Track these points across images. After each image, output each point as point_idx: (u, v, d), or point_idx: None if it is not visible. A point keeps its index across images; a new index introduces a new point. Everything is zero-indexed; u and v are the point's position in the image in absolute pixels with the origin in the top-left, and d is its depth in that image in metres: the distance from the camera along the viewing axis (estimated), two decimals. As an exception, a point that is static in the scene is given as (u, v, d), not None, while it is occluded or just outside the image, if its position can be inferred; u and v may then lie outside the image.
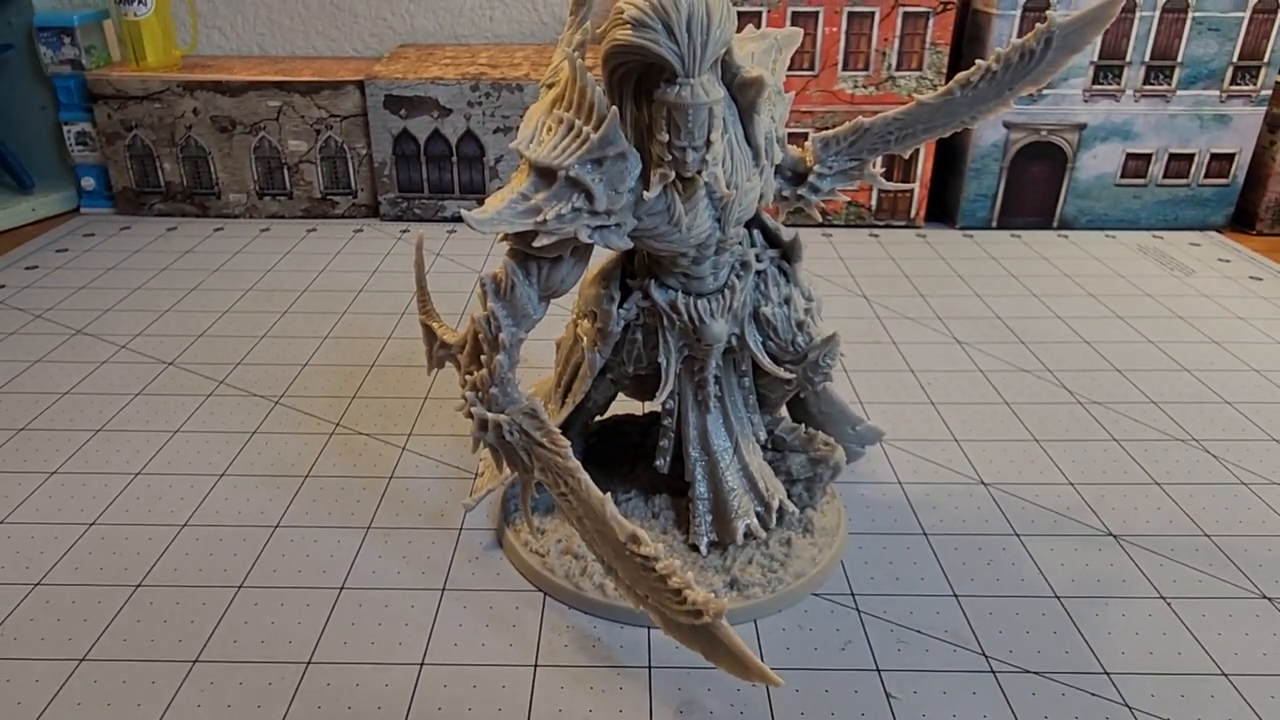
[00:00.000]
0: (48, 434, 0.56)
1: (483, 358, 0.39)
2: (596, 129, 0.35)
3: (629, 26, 0.34)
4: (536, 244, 0.36)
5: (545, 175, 0.36)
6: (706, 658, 0.36)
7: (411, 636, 0.42)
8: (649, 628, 0.42)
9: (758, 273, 0.43)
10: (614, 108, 0.35)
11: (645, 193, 0.37)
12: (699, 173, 0.36)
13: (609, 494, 0.37)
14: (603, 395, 0.48)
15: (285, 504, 0.50)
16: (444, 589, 0.44)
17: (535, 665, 0.40)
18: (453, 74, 0.91)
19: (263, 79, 0.92)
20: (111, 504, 0.50)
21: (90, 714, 0.37)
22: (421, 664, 0.40)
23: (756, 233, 0.44)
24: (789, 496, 0.47)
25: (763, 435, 0.46)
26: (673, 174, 0.36)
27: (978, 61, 0.41)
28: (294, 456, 0.54)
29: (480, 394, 0.39)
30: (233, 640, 0.41)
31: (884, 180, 0.45)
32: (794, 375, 0.44)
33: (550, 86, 0.39)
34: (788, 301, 0.44)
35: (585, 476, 0.38)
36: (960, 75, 0.41)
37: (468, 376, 0.40)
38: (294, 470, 0.53)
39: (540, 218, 0.36)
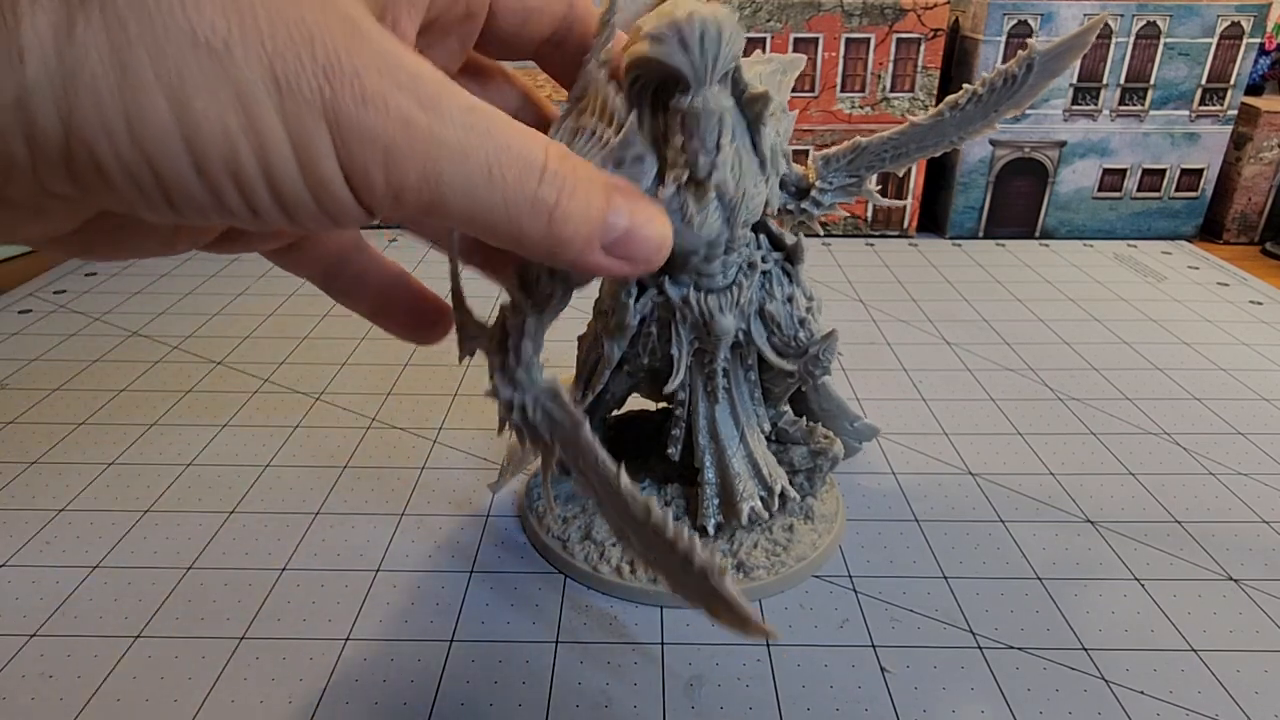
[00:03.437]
0: (105, 428, 0.56)
1: (509, 344, 0.39)
2: (617, 133, 0.35)
3: (647, 41, 0.34)
4: None
5: None
6: (711, 615, 0.36)
7: (441, 615, 0.42)
8: (662, 607, 0.42)
9: (763, 273, 0.43)
10: (633, 111, 0.35)
11: (661, 190, 0.37)
12: (709, 176, 0.36)
13: (622, 465, 0.37)
14: (620, 388, 0.48)
15: (325, 493, 0.50)
16: (472, 571, 0.44)
17: (556, 642, 0.40)
18: (479, 96, 0.91)
19: (304, 101, 0.92)
20: (164, 493, 0.50)
21: (145, 687, 0.37)
22: (451, 640, 0.40)
23: (762, 237, 0.44)
24: (791, 484, 0.47)
25: (767, 427, 0.46)
26: (686, 174, 0.36)
27: (965, 86, 0.41)
28: (333, 449, 0.54)
29: (507, 377, 0.39)
30: (276, 619, 0.41)
31: (879, 196, 0.45)
32: (796, 368, 0.44)
33: (578, 100, 0.39)
34: (791, 300, 0.44)
35: (602, 451, 0.37)
36: (949, 99, 0.41)
37: (495, 360, 0.40)
38: (333, 461, 0.53)
39: None
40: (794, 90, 0.88)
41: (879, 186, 0.44)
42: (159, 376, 0.63)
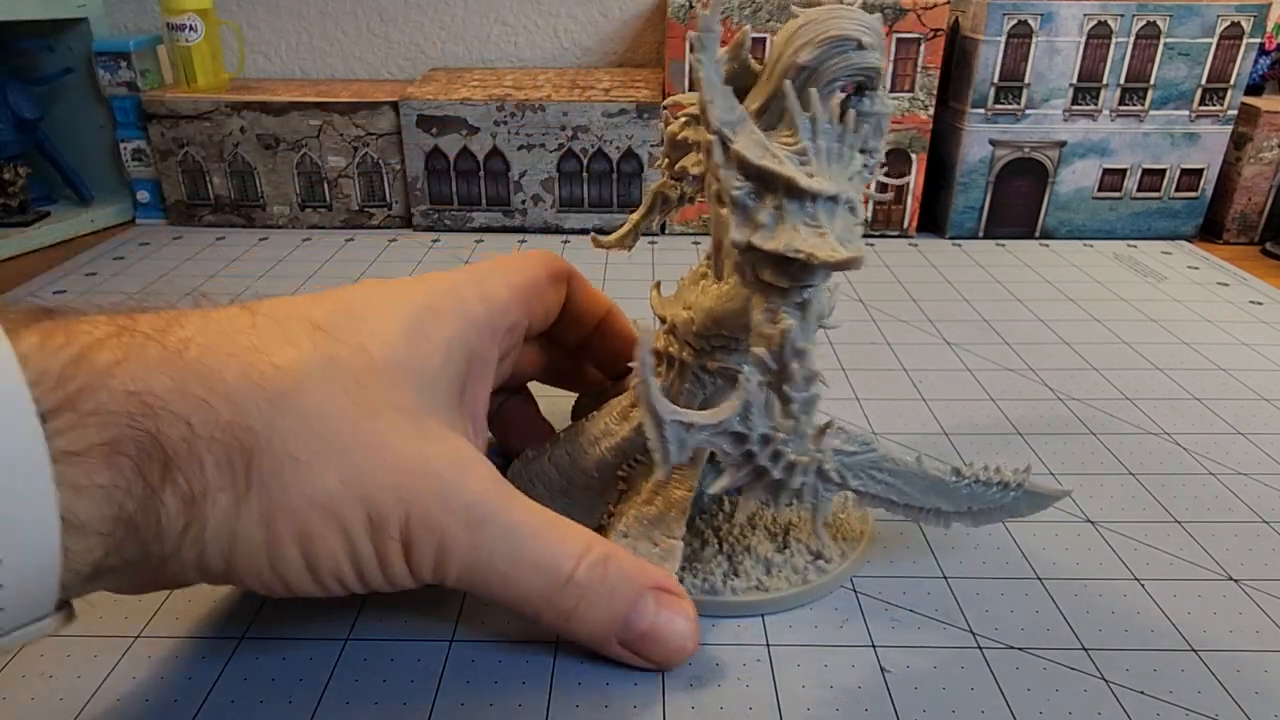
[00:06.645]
0: (106, 427, 0.56)
1: (793, 406, 0.34)
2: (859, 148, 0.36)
3: (862, 49, 0.34)
4: (857, 268, 0.34)
5: (832, 203, 0.35)
6: (1014, 517, 0.43)
7: (442, 616, 0.42)
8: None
9: None
10: (863, 124, 0.35)
11: (879, 194, 0.37)
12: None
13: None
14: None
15: (325, 492, 0.50)
16: (471, 571, 0.44)
17: (556, 642, 0.40)
18: (480, 95, 0.91)
19: (304, 100, 0.92)
20: (165, 492, 0.50)
21: (145, 687, 0.37)
22: (451, 641, 0.40)
23: None
24: None
25: None
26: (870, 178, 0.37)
27: None
28: (333, 448, 0.54)
29: (790, 440, 0.35)
30: (277, 619, 0.41)
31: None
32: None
33: (688, 118, 0.39)
34: None
35: (897, 452, 0.38)
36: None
37: (774, 433, 0.35)
38: (333, 461, 0.53)
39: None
40: (794, 90, 0.88)
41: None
42: (159, 376, 0.63)
